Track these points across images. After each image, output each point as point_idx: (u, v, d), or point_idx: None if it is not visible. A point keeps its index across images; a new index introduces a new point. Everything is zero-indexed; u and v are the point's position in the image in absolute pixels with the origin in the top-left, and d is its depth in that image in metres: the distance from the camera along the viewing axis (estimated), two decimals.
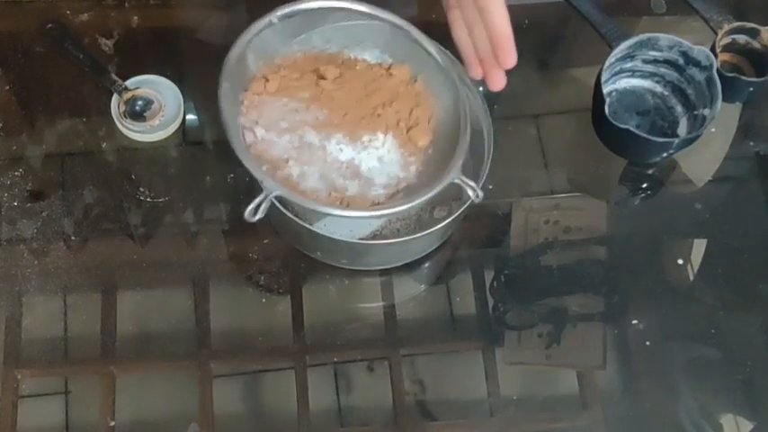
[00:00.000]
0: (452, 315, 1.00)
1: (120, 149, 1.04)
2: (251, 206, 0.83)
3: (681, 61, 1.04)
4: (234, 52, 0.89)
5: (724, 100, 1.01)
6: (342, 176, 0.92)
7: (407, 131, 0.94)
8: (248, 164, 0.86)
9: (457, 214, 0.94)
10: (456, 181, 0.88)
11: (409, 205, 0.87)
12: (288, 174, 0.91)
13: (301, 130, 0.93)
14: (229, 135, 0.86)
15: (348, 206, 0.90)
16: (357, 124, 0.93)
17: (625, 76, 1.08)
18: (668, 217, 1.07)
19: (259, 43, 0.91)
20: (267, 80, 0.94)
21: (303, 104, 0.94)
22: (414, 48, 0.94)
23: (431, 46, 0.93)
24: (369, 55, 0.98)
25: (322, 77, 0.95)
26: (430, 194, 0.87)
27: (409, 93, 0.96)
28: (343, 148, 0.93)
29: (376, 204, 0.91)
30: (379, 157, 0.93)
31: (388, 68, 0.96)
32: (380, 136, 0.93)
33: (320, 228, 0.94)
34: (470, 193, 0.88)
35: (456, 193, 0.99)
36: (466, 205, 0.94)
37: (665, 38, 1.04)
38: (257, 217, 0.83)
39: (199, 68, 1.09)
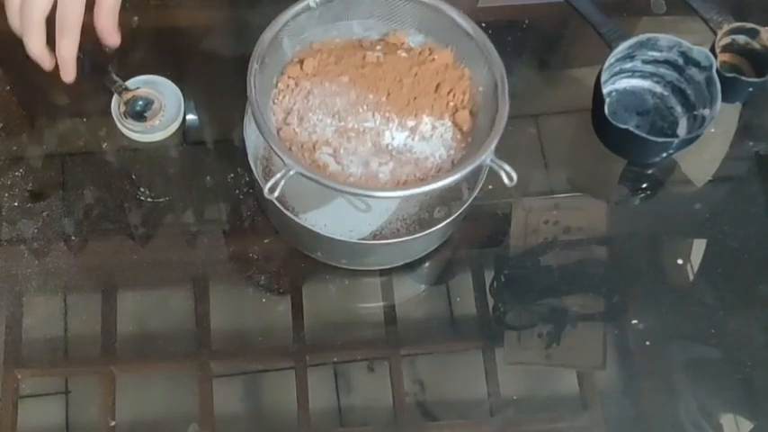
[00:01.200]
0: (452, 315, 1.00)
1: (121, 149, 1.04)
2: (270, 182, 0.83)
3: (680, 61, 1.04)
4: (267, 34, 0.88)
5: (724, 100, 1.01)
6: (378, 162, 0.89)
7: (453, 116, 0.92)
8: (272, 142, 0.84)
9: (457, 214, 0.94)
10: (489, 163, 0.86)
11: (436, 185, 0.85)
12: (319, 156, 0.89)
13: (339, 114, 0.91)
14: (256, 116, 0.85)
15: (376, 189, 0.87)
16: (400, 109, 0.91)
17: (625, 77, 1.08)
18: (668, 217, 1.07)
19: (296, 27, 0.90)
20: (303, 63, 0.92)
21: (342, 88, 0.92)
22: (456, 32, 0.92)
23: (472, 29, 0.91)
24: (411, 40, 0.96)
25: (363, 61, 0.93)
26: (459, 175, 0.85)
27: (452, 77, 0.93)
28: (385, 133, 0.90)
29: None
30: (424, 143, 0.91)
31: (431, 53, 0.95)
32: (426, 120, 0.91)
33: (320, 228, 0.94)
34: (504, 177, 0.86)
35: (456, 194, 0.99)
36: (466, 205, 0.94)
37: (664, 38, 1.03)
38: (275, 194, 0.83)
39: (199, 68, 1.09)
